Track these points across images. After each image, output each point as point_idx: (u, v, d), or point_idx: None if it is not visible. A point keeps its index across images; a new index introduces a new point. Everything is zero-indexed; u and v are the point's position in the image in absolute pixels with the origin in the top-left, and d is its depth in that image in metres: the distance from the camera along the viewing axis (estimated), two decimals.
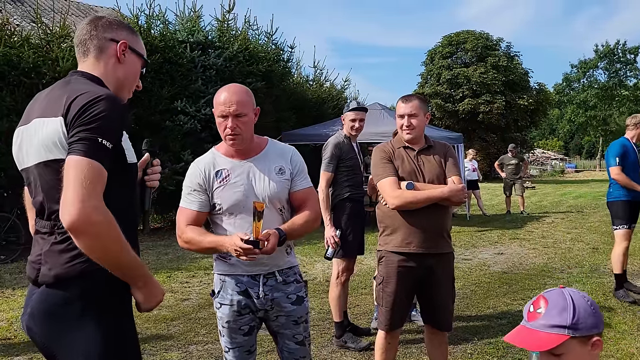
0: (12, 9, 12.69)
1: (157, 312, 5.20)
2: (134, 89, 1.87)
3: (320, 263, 7.55)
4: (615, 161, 5.43)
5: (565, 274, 6.76)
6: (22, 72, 8.48)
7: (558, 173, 36.52)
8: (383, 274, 3.08)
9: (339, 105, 16.02)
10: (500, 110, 29.27)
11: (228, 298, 2.34)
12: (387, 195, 2.99)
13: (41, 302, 1.60)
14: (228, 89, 2.31)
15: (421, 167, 3.05)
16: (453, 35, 32.43)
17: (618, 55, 45.75)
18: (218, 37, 11.66)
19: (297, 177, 2.41)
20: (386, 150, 3.12)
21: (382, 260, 3.10)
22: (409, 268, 3.01)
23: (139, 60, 1.85)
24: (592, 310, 1.42)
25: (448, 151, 3.17)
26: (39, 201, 1.64)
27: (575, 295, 1.46)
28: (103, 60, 1.75)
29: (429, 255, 3.00)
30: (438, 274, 3.04)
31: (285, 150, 2.44)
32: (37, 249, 1.65)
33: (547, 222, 11.96)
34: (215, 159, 2.35)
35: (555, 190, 21.69)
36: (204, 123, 10.68)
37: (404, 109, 3.07)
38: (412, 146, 3.11)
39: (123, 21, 1.84)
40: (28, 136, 1.65)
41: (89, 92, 1.56)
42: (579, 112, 46.19)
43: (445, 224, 3.08)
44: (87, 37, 1.75)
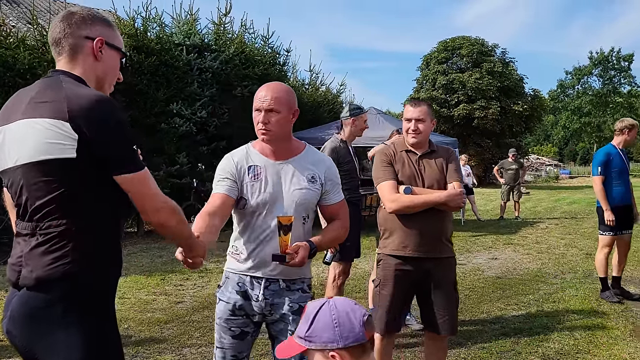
0: (8, 11, 12.66)
1: (150, 315, 5.19)
2: (114, 82, 1.84)
3: (315, 267, 7.54)
4: (597, 170, 5.52)
5: (559, 279, 6.78)
6: (18, 73, 8.45)
7: (552, 179, 36.62)
8: (380, 277, 3.10)
9: (335, 109, 16.03)
10: (495, 115, 29.34)
11: (226, 295, 2.32)
12: (385, 199, 3.02)
13: (22, 305, 1.57)
14: (269, 85, 2.29)
15: (421, 171, 3.07)
16: (448, 41, 32.52)
17: (612, 63, 46.10)
18: (214, 40, 11.67)
19: (333, 190, 2.38)
20: (387, 154, 3.14)
21: (379, 262, 3.13)
22: (405, 271, 3.03)
23: (117, 53, 1.80)
24: (333, 326, 1.43)
25: (450, 156, 3.16)
26: (22, 202, 1.61)
27: (326, 308, 1.47)
28: (80, 59, 1.70)
29: (426, 260, 3.00)
30: (436, 278, 3.04)
31: (320, 158, 2.41)
32: (18, 251, 1.62)
33: (541, 227, 12.00)
34: (249, 155, 2.32)
35: (549, 196, 21.77)
36: (200, 126, 10.66)
37: (411, 112, 3.09)
38: (414, 150, 3.13)
39: (97, 14, 1.78)
40: (11, 136, 1.62)
41: (90, 96, 1.56)
42: (574, 118, 46.48)
43: (443, 228, 3.08)
44: (61, 35, 1.69)
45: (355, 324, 1.44)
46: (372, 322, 1.49)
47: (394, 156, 3.12)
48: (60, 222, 1.55)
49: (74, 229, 1.56)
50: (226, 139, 10.47)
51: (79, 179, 1.56)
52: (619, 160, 5.51)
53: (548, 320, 4.98)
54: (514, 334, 4.58)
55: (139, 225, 10.73)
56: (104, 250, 1.64)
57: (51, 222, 1.56)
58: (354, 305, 1.50)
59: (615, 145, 5.60)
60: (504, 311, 5.31)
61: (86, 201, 1.58)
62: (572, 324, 4.88)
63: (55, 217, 1.55)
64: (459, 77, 30.54)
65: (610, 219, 5.42)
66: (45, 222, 1.56)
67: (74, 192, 1.56)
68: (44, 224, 1.56)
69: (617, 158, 5.52)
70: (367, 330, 1.46)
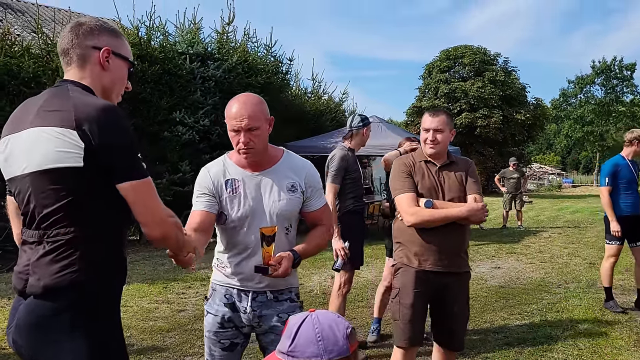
0: (13, 20, 12.76)
1: (152, 323, 5.18)
2: (122, 92, 1.85)
3: (317, 275, 7.53)
4: (604, 181, 5.53)
5: (562, 288, 6.75)
6: (22, 81, 8.50)
7: (555, 188, 36.54)
8: (399, 285, 2.96)
9: (337, 118, 16.06)
10: (497, 124, 29.38)
11: (214, 307, 2.30)
12: (404, 211, 2.90)
13: (28, 313, 1.57)
14: (239, 100, 2.21)
15: (442, 183, 2.96)
16: (451, 50, 32.63)
17: (615, 72, 46.10)
18: (217, 49, 11.72)
19: (314, 196, 2.34)
20: (407, 164, 3.02)
21: (398, 272, 3.00)
22: (426, 282, 2.92)
23: (125, 63, 1.81)
24: (316, 340, 1.40)
25: (470, 168, 3.07)
26: (29, 210, 1.61)
27: (309, 321, 1.44)
28: (88, 68, 1.72)
29: (446, 274, 2.92)
30: (454, 293, 2.96)
31: (300, 165, 2.35)
32: (25, 259, 1.62)
33: (544, 236, 11.97)
34: (226, 168, 2.29)
35: (552, 205, 21.73)
36: (202, 134, 10.70)
37: (430, 122, 2.98)
38: (434, 161, 3.02)
39: (105, 24, 1.79)
40: (20, 145, 1.63)
41: (97, 106, 1.58)
42: (576, 127, 46.42)
43: (463, 242, 3.00)
44: (69, 46, 1.72)
45: (339, 337, 1.42)
46: (355, 335, 1.47)
47: (414, 167, 3.01)
48: (67, 230, 1.56)
49: (81, 237, 1.57)
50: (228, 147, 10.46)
51: (86, 188, 1.57)
52: (627, 171, 5.49)
53: (551, 330, 4.96)
54: (517, 344, 4.56)
55: (141, 233, 10.74)
56: (110, 259, 1.64)
57: (59, 230, 1.56)
58: (337, 318, 1.48)
59: (624, 156, 5.58)
60: (507, 321, 5.29)
61: (93, 209, 1.59)
62: (575, 334, 4.86)
63: (63, 225, 1.56)
64: (461, 85, 30.61)
65: (615, 230, 5.39)
66: (52, 230, 1.57)
67: (81, 201, 1.57)
68: (51, 231, 1.57)
69: (626, 169, 5.50)
70: (351, 343, 1.44)
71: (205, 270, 7.48)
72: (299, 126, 13.75)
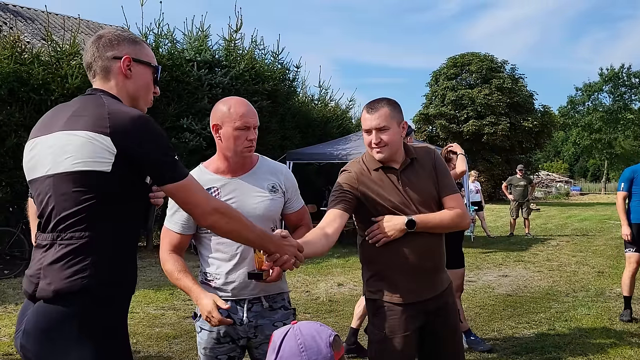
0: (23, 27, 12.88)
1: (159, 330, 5.18)
2: (150, 97, 1.87)
3: (323, 282, 7.52)
4: (620, 186, 5.54)
5: (571, 297, 6.70)
6: (32, 88, 8.57)
7: (563, 195, 36.32)
8: (385, 329, 2.31)
9: (344, 125, 16.06)
10: (504, 131, 29.28)
11: (208, 324, 2.21)
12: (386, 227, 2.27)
13: (37, 318, 1.56)
14: (242, 101, 2.23)
15: (407, 193, 2.33)
16: (458, 57, 32.60)
17: (623, 79, 45.87)
18: (225, 56, 11.78)
19: (293, 198, 2.36)
20: (355, 171, 2.37)
21: (379, 311, 2.34)
22: (413, 317, 2.33)
23: (148, 69, 1.84)
24: (299, 352, 1.42)
25: (435, 160, 2.42)
26: (46, 213, 1.62)
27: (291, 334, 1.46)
28: (112, 79, 1.76)
29: (431, 299, 2.36)
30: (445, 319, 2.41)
31: (277, 167, 2.37)
32: (37, 263, 1.61)
33: (552, 244, 11.89)
34: (203, 176, 2.25)
35: (560, 213, 21.60)
36: (209, 141, 10.72)
37: (369, 121, 2.31)
38: (391, 165, 2.36)
39: (123, 34, 1.81)
40: (47, 147, 1.64)
41: (130, 113, 1.64)
42: (584, 134, 46.17)
43: (441, 256, 2.45)
44: (92, 59, 1.76)
45: (322, 346, 1.43)
46: (340, 342, 1.48)
47: (361, 177, 2.36)
48: (82, 234, 1.56)
49: (94, 242, 1.57)
50: None
51: (108, 194, 1.59)
52: None
53: (560, 340, 4.91)
54: (525, 353, 4.52)
55: (148, 239, 10.77)
56: (121, 266, 1.65)
57: (73, 234, 1.56)
58: (319, 327, 1.49)
59: None
60: (515, 330, 5.25)
61: (110, 216, 1.60)
62: (584, 344, 4.81)
63: (79, 229, 1.57)
64: (468, 93, 30.56)
65: (624, 233, 5.42)
66: (67, 233, 1.57)
67: (100, 206, 1.58)
68: (66, 234, 1.57)
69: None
70: (335, 350, 1.45)
71: None
72: (306, 133, 13.77)
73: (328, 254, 9.98)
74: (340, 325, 5.38)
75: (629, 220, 5.42)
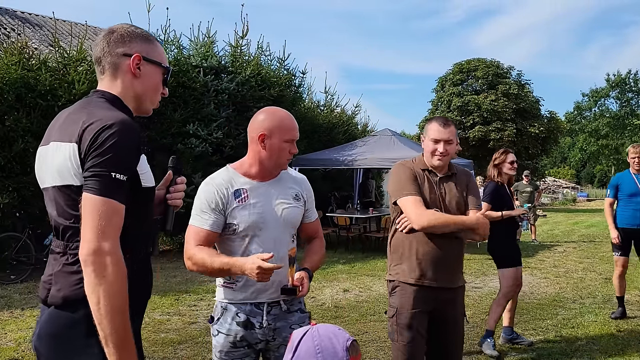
0: (31, 33, 12.98)
1: (164, 336, 5.18)
2: (158, 98, 1.81)
3: (329, 288, 7.50)
4: (607, 193, 6.00)
5: (577, 304, 6.65)
6: (39, 94, 8.63)
7: (569, 202, 36.15)
8: (397, 305, 2.80)
9: (349, 131, 16.08)
10: (511, 137, 29.20)
11: (226, 327, 2.26)
12: (413, 213, 2.71)
13: (49, 323, 1.58)
14: (290, 116, 2.29)
15: (443, 195, 2.83)
16: (464, 63, 32.59)
17: (630, 85, 45.73)
18: (231, 62, 11.83)
19: (311, 208, 2.42)
20: (411, 168, 2.87)
21: (395, 290, 2.84)
22: (424, 300, 2.77)
23: (158, 69, 1.77)
24: (315, 353, 1.45)
25: (470, 181, 2.95)
26: (54, 222, 1.63)
27: (309, 335, 1.49)
28: (119, 77, 1.70)
29: (444, 290, 2.79)
30: (451, 311, 2.84)
31: (298, 177, 2.44)
32: (50, 269, 1.63)
33: (559, 251, 11.82)
34: (232, 178, 2.27)
35: (566, 219, 21.49)
36: (215, 146, 10.78)
37: (441, 133, 2.81)
38: (436, 172, 2.89)
39: (137, 30, 1.74)
40: (46, 158, 1.64)
41: (102, 119, 1.52)
42: (591, 140, 46.02)
43: (461, 256, 2.90)
44: (102, 54, 1.70)
45: (338, 349, 1.45)
46: (357, 347, 1.50)
47: (416, 173, 2.86)
48: None
49: None
50: None
51: None
52: (632, 185, 5.70)
53: (567, 346, 4.87)
54: None
55: (154, 245, 10.79)
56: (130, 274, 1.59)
57: (78, 244, 1.54)
58: (337, 330, 1.51)
59: (630, 170, 5.82)
60: None
61: None
62: (591, 351, 4.77)
63: None
64: (474, 99, 30.52)
65: (613, 237, 5.76)
66: (74, 243, 1.57)
67: None
68: (73, 244, 1.57)
69: (629, 183, 5.71)
70: (352, 355, 1.46)
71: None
72: (312, 139, 13.79)
73: (334, 259, 9.96)
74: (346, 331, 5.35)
75: (615, 225, 5.77)
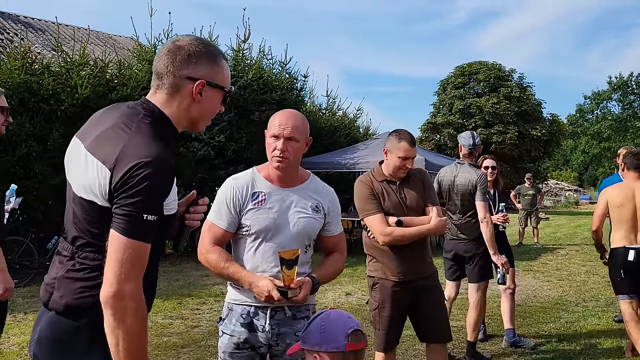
0: (34, 38, 13.02)
1: (167, 339, 5.18)
2: (210, 118, 1.75)
3: (331, 292, 7.49)
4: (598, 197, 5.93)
5: (580, 307, 6.64)
6: (42, 98, 8.66)
7: (572, 204, 36.06)
8: (378, 300, 3.24)
9: (351, 134, 16.09)
10: (513, 140, 29.19)
11: (230, 328, 2.27)
12: (378, 232, 3.13)
13: (50, 328, 1.57)
14: (287, 112, 2.30)
15: (404, 200, 3.21)
16: (465, 66, 32.60)
17: (632, 87, 45.70)
18: (233, 66, 11.85)
19: (334, 222, 2.39)
20: (368, 185, 3.23)
21: (376, 286, 3.27)
22: (401, 292, 3.21)
23: (220, 92, 1.69)
24: (319, 332, 1.68)
25: (425, 178, 3.34)
26: (67, 224, 1.61)
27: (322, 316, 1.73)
28: (177, 99, 1.61)
29: (418, 280, 3.23)
30: (428, 292, 3.26)
31: (325, 190, 2.40)
32: (54, 272, 1.61)
33: (562, 254, 11.80)
34: (254, 180, 2.29)
35: (569, 222, 21.44)
36: (218, 150, 10.78)
37: (411, 152, 3.17)
38: (392, 179, 3.24)
39: (205, 48, 1.64)
40: (77, 159, 1.58)
41: (140, 152, 1.45)
42: (593, 143, 45.97)
43: (427, 251, 3.32)
44: (165, 71, 1.61)
45: (339, 334, 1.65)
46: (361, 337, 1.68)
47: (374, 187, 3.22)
48: (96, 256, 1.54)
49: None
50: (244, 163, 10.55)
51: None
52: None
53: (570, 350, 4.86)
54: None
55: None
56: None
57: (88, 254, 1.55)
58: (347, 318, 1.72)
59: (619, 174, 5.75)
60: None
61: None
62: (594, 354, 4.76)
63: (92, 251, 1.54)
64: (476, 101, 30.52)
65: None
66: (83, 252, 1.55)
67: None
68: (82, 252, 1.55)
69: None
70: (351, 342, 1.64)
71: (220, 286, 7.49)
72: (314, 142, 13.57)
73: None
74: None
75: None
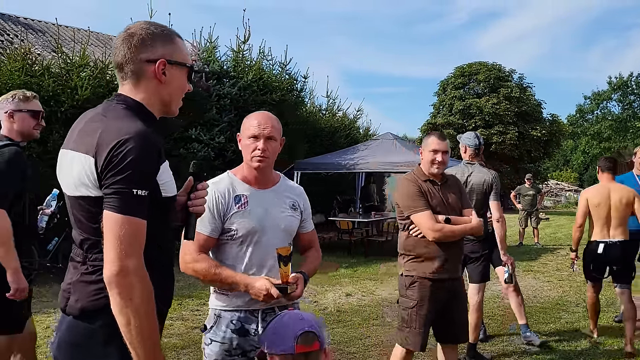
0: (34, 39, 13.03)
1: (167, 340, 5.18)
2: (181, 98, 1.75)
3: (331, 293, 7.49)
4: None
5: (581, 307, 6.63)
6: (42, 100, 8.56)
7: (572, 205, 36.02)
8: (417, 298, 3.26)
9: (351, 135, 16.10)
10: (513, 141, 29.19)
11: (220, 335, 2.22)
12: (428, 228, 3.20)
13: (68, 332, 1.59)
14: (262, 113, 2.33)
15: (446, 200, 3.31)
16: (465, 66, 32.59)
17: (632, 87, 45.68)
18: (233, 67, 11.86)
19: (308, 219, 2.45)
20: (416, 183, 3.32)
21: (414, 284, 3.28)
22: (438, 291, 3.27)
23: (184, 69, 1.69)
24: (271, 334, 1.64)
25: (459, 184, 3.53)
26: (74, 230, 1.61)
27: (277, 318, 1.70)
28: (143, 84, 1.62)
29: (455, 279, 3.36)
30: (459, 297, 3.40)
31: (296, 188, 2.48)
32: (69, 277, 1.61)
33: (562, 254, 11.79)
34: (233, 184, 2.28)
35: (569, 222, 21.42)
36: (218, 151, 10.79)
37: (439, 144, 3.29)
38: (435, 180, 3.35)
39: (157, 30, 1.64)
40: (63, 164, 1.60)
41: (119, 132, 1.47)
42: (593, 143, 45.96)
43: (463, 250, 3.49)
44: (123, 61, 1.61)
45: (289, 336, 1.57)
46: (311, 338, 1.59)
47: (422, 186, 3.31)
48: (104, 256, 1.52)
49: None
50: None
51: None
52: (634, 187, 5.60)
53: (570, 350, 4.86)
54: None
55: None
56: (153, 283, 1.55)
57: (97, 255, 1.54)
58: (299, 319, 1.64)
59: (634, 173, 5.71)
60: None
61: None
62: (595, 355, 4.76)
63: (100, 251, 1.52)
64: (476, 102, 30.52)
65: None
66: (93, 254, 1.55)
67: None
68: (92, 255, 1.55)
69: (633, 184, 5.59)
70: (299, 344, 1.55)
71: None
72: (314, 143, 13.81)
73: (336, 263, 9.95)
74: (348, 335, 5.36)
75: None
